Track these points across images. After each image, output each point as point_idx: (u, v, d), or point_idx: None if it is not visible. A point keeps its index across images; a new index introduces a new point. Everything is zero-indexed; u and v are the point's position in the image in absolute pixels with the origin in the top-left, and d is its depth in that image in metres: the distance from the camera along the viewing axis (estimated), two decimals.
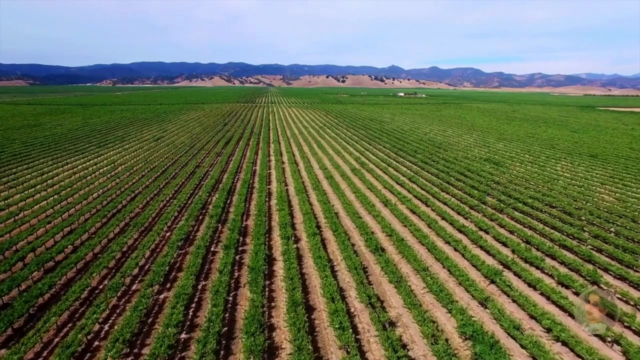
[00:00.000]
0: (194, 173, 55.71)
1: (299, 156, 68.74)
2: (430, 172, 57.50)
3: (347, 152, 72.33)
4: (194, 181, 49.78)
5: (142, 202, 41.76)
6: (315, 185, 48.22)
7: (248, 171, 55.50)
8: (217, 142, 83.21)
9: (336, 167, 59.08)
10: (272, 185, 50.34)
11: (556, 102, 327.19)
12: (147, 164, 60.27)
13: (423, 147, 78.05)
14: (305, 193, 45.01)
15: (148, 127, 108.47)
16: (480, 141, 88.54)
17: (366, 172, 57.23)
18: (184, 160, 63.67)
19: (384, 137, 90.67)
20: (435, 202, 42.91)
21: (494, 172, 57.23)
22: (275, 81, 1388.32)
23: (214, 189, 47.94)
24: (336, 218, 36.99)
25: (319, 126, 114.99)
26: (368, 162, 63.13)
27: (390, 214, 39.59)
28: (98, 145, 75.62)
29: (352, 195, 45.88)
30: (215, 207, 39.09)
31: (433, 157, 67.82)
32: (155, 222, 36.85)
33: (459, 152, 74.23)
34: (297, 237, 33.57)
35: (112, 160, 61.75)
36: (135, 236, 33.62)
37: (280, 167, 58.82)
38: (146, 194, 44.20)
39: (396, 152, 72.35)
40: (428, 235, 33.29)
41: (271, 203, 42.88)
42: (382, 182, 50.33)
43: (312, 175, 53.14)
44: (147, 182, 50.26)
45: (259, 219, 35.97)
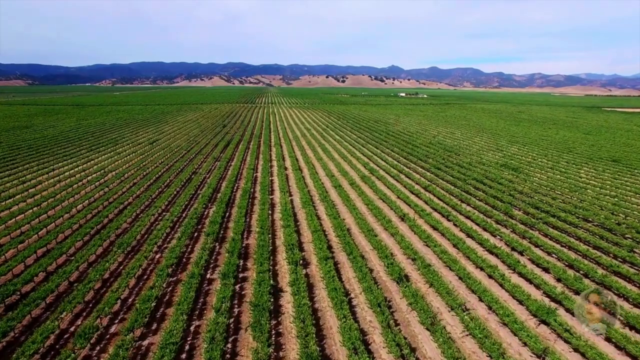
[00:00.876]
0: (190, 180, 51.34)
1: (303, 161, 64.37)
2: (445, 179, 53.17)
3: (354, 157, 67.97)
4: (189, 190, 45.41)
5: (131, 216, 37.37)
6: (323, 195, 43.86)
7: (249, 178, 51.15)
8: (215, 145, 78.84)
9: (344, 174, 54.73)
10: (275, 195, 45.98)
11: (560, 102, 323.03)
12: (140, 170, 55.89)
13: (433, 151, 73.72)
14: (312, 205, 40.65)
15: (144, 128, 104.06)
16: (492, 144, 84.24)
17: (377, 179, 52.89)
18: (179, 165, 59.29)
19: (390, 140, 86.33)
20: (458, 216, 38.56)
21: (514, 180, 52.93)
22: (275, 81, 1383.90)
23: (211, 199, 43.58)
24: (349, 236, 32.64)
25: (322, 128, 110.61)
26: (378, 169, 58.77)
27: (409, 230, 35.23)
28: (89, 149, 71.21)
29: (364, 207, 41.53)
30: (212, 223, 34.71)
31: (446, 162, 63.50)
32: (144, 241, 32.47)
33: (472, 156, 69.91)
34: (306, 261, 29.21)
35: (103, 166, 57.34)
36: (120, 259, 29.24)
37: (283, 173, 54.47)
38: (136, 206, 39.81)
39: (406, 157, 67.99)
40: (457, 259, 28.94)
41: (275, 217, 38.51)
42: (396, 192, 45.98)
43: (319, 184, 48.78)
44: (138, 192, 45.87)
45: (262, 237, 31.61)
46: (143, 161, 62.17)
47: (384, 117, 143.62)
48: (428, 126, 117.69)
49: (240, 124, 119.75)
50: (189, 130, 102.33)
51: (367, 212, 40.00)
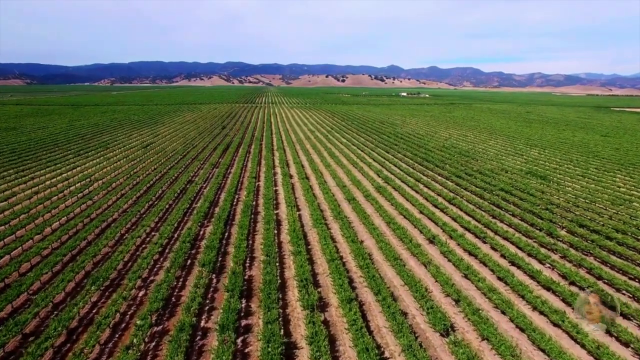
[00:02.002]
0: (185, 191, 45.85)
1: (309, 168, 58.87)
2: (469, 190, 47.69)
3: (365, 163, 62.45)
4: (183, 204, 39.90)
5: (113, 237, 31.86)
6: (336, 210, 38.35)
7: (250, 189, 45.64)
8: (214, 149, 73.33)
9: (356, 183, 49.23)
10: (280, 209, 40.48)
11: (564, 102, 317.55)
12: (130, 178, 50.35)
13: (449, 156, 68.25)
14: (324, 223, 35.14)
15: (138, 130, 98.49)
16: (509, 148, 78.80)
17: (393, 190, 47.41)
18: (173, 173, 53.77)
19: (401, 144, 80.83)
20: (495, 237, 33.09)
21: (545, 190, 47.51)
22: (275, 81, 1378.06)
23: (207, 215, 38.08)
24: (372, 266, 27.17)
25: (327, 130, 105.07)
26: (392, 177, 53.28)
27: (441, 257, 29.74)
28: (77, 154, 65.62)
29: (385, 226, 36.05)
30: (208, 249, 29.19)
31: (466, 169, 58.06)
32: (126, 272, 26.96)
33: (492, 161, 64.47)
34: (323, 302, 23.72)
35: (89, 174, 51.78)
36: (94, 298, 23.74)
37: (288, 182, 48.98)
38: (121, 224, 34.32)
39: (421, 163, 62.50)
40: (510, 299, 23.43)
41: (282, 238, 33.03)
42: (418, 206, 40.48)
43: (329, 196, 43.28)
44: (126, 205, 40.35)
45: (268, 268, 26.10)
46: (134, 168, 56.63)
47: (389, 118, 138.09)
48: (437, 128, 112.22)
49: (240, 125, 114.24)
50: (186, 132, 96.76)
51: (389, 232, 34.51)
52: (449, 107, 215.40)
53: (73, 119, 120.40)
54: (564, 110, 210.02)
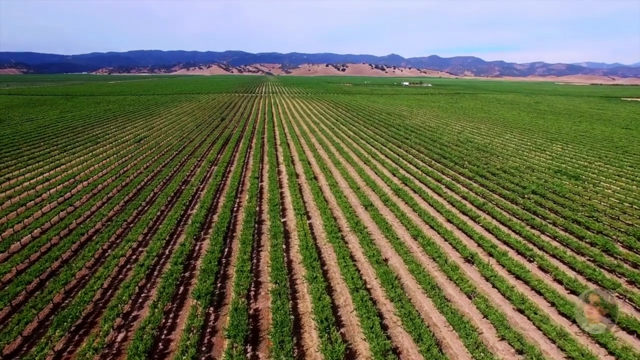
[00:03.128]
0: (180, 194, 40.74)
1: (317, 166, 53.69)
2: (498, 192, 42.57)
3: (377, 160, 57.22)
4: (176, 211, 34.80)
5: (92, 256, 26.83)
6: (352, 219, 33.28)
7: (252, 192, 40.52)
8: (212, 143, 68.05)
9: (371, 184, 44.10)
10: (288, 217, 35.41)
11: (572, 92, 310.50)
12: (119, 179, 45.17)
13: (466, 151, 63.00)
14: (340, 236, 30.09)
15: (133, 122, 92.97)
16: (528, 142, 73.50)
17: (413, 193, 42.30)
18: (167, 172, 48.61)
19: (412, 137, 75.46)
20: (544, 255, 28.02)
21: (581, 193, 42.42)
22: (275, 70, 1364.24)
23: (204, 226, 33.01)
24: (405, 296, 22.20)
25: (331, 122, 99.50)
26: (410, 177, 48.10)
27: (486, 283, 24.72)
28: (63, 149, 60.32)
29: (411, 239, 31.00)
30: (204, 273, 24.15)
31: (488, 167, 52.90)
32: (104, 305, 21.99)
33: (514, 158, 59.29)
34: (350, 351, 18.74)
35: (73, 174, 46.58)
36: (59, 346, 18.79)
37: (295, 183, 43.83)
38: (104, 237, 29.28)
39: (438, 160, 57.26)
40: (584, 348, 18.43)
41: (292, 257, 28.00)
42: (445, 214, 35.38)
43: (342, 200, 38.18)
44: (111, 213, 35.28)
45: (278, 301, 21.13)
46: (124, 166, 51.40)
47: (396, 109, 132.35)
48: (447, 119, 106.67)
49: (240, 116, 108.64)
50: (183, 124, 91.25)
51: (417, 248, 29.46)
52: (454, 97, 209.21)
53: (65, 110, 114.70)
54: (573, 100, 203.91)
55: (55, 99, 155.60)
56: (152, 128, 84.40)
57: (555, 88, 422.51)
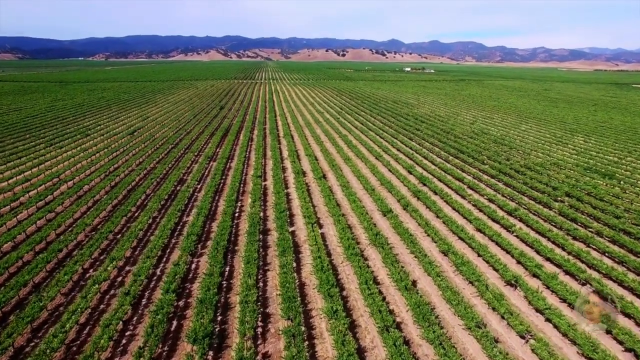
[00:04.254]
0: (174, 196, 36.53)
1: (325, 162, 49.38)
2: (527, 194, 38.34)
3: (390, 155, 52.84)
4: (170, 219, 30.60)
5: (68, 281, 22.73)
6: (370, 229, 29.11)
7: (256, 194, 36.29)
8: (210, 136, 63.59)
9: (386, 184, 39.84)
10: (297, 226, 31.26)
11: (579, 79, 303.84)
12: (108, 178, 40.81)
13: (483, 144, 58.63)
14: (358, 252, 25.98)
15: (127, 111, 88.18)
16: (546, 134, 69.06)
17: (434, 194, 38.10)
18: (162, 169, 44.29)
19: (423, 128, 70.92)
20: (602, 279, 23.94)
21: (620, 195, 38.30)
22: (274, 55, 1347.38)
23: (201, 238, 28.85)
24: (445, 335, 18.19)
25: (336, 111, 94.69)
26: (428, 176, 43.82)
27: (540, 318, 20.66)
28: (50, 143, 55.81)
29: (440, 255, 26.89)
30: (201, 305, 20.06)
31: (511, 163, 48.63)
32: (76, 354, 17.93)
33: (537, 152, 55.01)
34: None
35: (57, 173, 42.24)
36: None
37: (302, 183, 39.58)
38: (84, 254, 25.14)
39: (455, 155, 52.93)
40: None
41: (304, 279, 23.93)
42: (475, 222, 31.22)
43: (357, 205, 33.98)
44: (96, 220, 31.12)
45: (292, 348, 17.09)
46: (114, 162, 47.00)
47: (401, 97, 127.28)
48: (457, 108, 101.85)
49: (239, 105, 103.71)
50: (180, 113, 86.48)
51: (450, 267, 25.34)
52: (459, 83, 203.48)
53: (56, 98, 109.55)
54: (582, 87, 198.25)
55: (48, 86, 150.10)
56: (147, 118, 79.66)
57: (559, 74, 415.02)
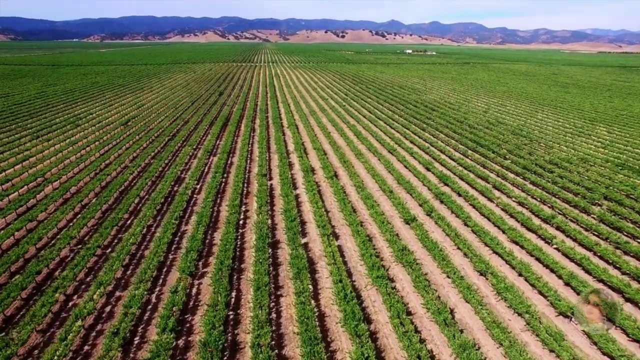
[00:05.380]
0: (171, 200, 32.88)
1: (335, 157, 45.61)
2: (561, 197, 34.77)
3: (405, 149, 48.99)
4: (166, 228, 26.99)
5: (45, 315, 19.24)
6: (395, 244, 25.58)
7: (262, 197, 32.65)
8: (209, 126, 59.58)
9: (405, 185, 36.18)
10: (309, 237, 27.70)
11: (587, 62, 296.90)
12: (98, 177, 36.98)
13: (502, 137, 54.80)
14: (385, 275, 22.51)
15: (121, 98, 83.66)
16: (567, 124, 65.14)
17: (458, 196, 34.52)
18: (157, 166, 40.49)
19: (435, 118, 66.87)
20: None
21: None
22: (272, 36, 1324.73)
23: (202, 254, 25.30)
24: None
25: (341, 97, 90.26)
26: (450, 174, 40.11)
27: None
28: (36, 135, 51.75)
29: (475, 274, 23.41)
30: (204, 349, 16.63)
31: (535, 158, 44.99)
32: None
33: (560, 146, 51.33)
34: None
35: (42, 171, 38.44)
36: None
37: (312, 183, 35.92)
38: (65, 280, 21.62)
39: (474, 149, 49.16)
40: None
41: (324, 309, 20.49)
42: (509, 232, 27.65)
43: (376, 211, 30.39)
44: (83, 231, 27.52)
45: None
46: (106, 158, 43.09)
47: (407, 82, 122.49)
48: (466, 94, 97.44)
49: (239, 90, 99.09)
50: (177, 100, 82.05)
51: (492, 292, 21.89)
52: (464, 67, 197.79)
53: (47, 83, 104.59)
54: (591, 71, 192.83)
55: (39, 70, 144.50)
56: (143, 106, 75.29)
57: (563, 57, 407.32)
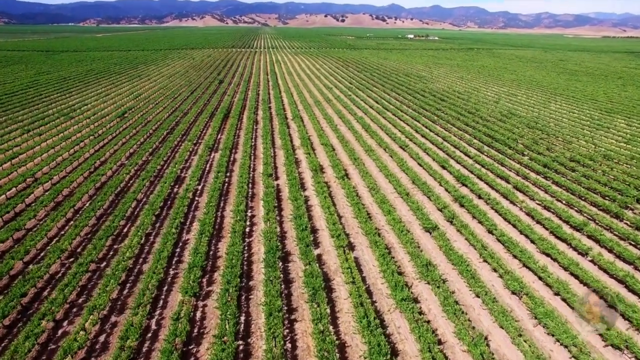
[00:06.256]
0: (171, 203, 30.48)
1: (345, 154, 43.08)
2: (589, 200, 32.42)
3: (417, 144, 46.39)
4: (166, 239, 24.65)
5: (26, 356, 17.01)
6: (418, 258, 23.29)
7: (269, 201, 30.21)
8: (210, 118, 56.88)
9: (421, 186, 33.76)
10: (323, 247, 25.39)
11: (594, 47, 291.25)
12: (91, 178, 34.51)
13: (517, 131, 52.12)
14: (410, 296, 20.28)
15: (117, 87, 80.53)
16: (583, 116, 62.39)
17: (478, 199, 32.18)
18: (155, 164, 37.91)
19: (445, 109, 64.03)
20: None
21: None
22: (271, 20, 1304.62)
23: (206, 270, 23.00)
24: None
25: (346, 86, 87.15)
26: (467, 173, 37.69)
27: None
28: (27, 129, 49.00)
29: (510, 297, 21.18)
30: None
31: (555, 154, 42.48)
32: None
33: (579, 140, 48.86)
34: None
35: (32, 171, 35.93)
36: None
37: (321, 184, 33.50)
38: (54, 304, 19.39)
39: (489, 145, 46.62)
40: None
41: (344, 337, 18.33)
42: (539, 243, 25.34)
43: (393, 217, 28.03)
44: (73, 243, 25.18)
45: None
46: (101, 155, 40.49)
47: (412, 69, 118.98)
48: (474, 83, 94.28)
49: (239, 78, 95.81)
50: (176, 89, 78.98)
51: (528, 317, 19.65)
52: (469, 53, 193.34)
53: (41, 70, 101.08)
54: (599, 57, 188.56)
55: (33, 56, 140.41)
56: (140, 96, 72.26)
57: (568, 42, 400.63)
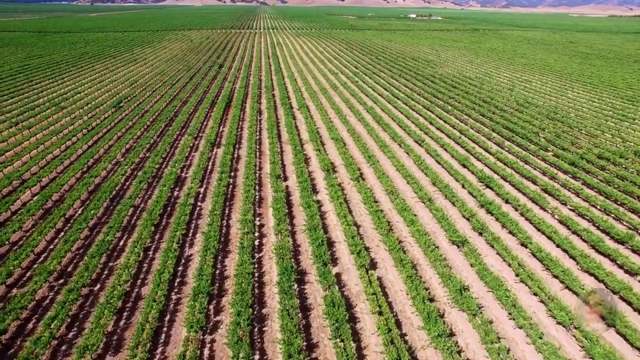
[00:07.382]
0: (170, 211, 27.73)
1: (357, 149, 40.13)
2: (627, 205, 29.69)
3: (434, 139, 43.33)
4: (166, 255, 22.03)
5: None
6: (449, 281, 20.69)
7: (279, 209, 27.41)
8: (211, 107, 53.73)
9: (444, 190, 30.94)
10: (341, 265, 22.79)
11: (603, 28, 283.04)
12: (83, 180, 31.59)
13: (537, 122, 48.88)
14: (444, 331, 17.75)
15: (112, 72, 76.74)
16: (604, 105, 59.07)
17: (506, 204, 29.47)
18: (153, 162, 34.96)
19: (457, 97, 60.62)
20: None
21: None
22: None
23: (213, 297, 20.38)
24: None
25: (352, 71, 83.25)
26: (491, 174, 34.86)
27: None
28: (15, 121, 45.77)
29: (554, 324, 18.66)
30: None
31: (583, 152, 39.57)
32: None
33: (604, 134, 45.98)
34: None
35: (19, 172, 32.95)
36: None
37: (335, 188, 30.66)
38: (37, 346, 16.80)
39: (509, 139, 43.61)
40: None
41: None
42: (581, 260, 22.70)
43: (417, 228, 25.34)
44: (62, 262, 22.56)
45: None
46: (95, 153, 37.51)
47: (419, 52, 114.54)
48: (485, 67, 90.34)
49: (240, 62, 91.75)
50: (174, 74, 75.23)
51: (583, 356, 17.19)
52: (475, 34, 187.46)
53: (32, 53, 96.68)
54: (610, 39, 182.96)
55: (24, 37, 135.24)
56: (135, 82, 68.58)
57: (575, 22, 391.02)
